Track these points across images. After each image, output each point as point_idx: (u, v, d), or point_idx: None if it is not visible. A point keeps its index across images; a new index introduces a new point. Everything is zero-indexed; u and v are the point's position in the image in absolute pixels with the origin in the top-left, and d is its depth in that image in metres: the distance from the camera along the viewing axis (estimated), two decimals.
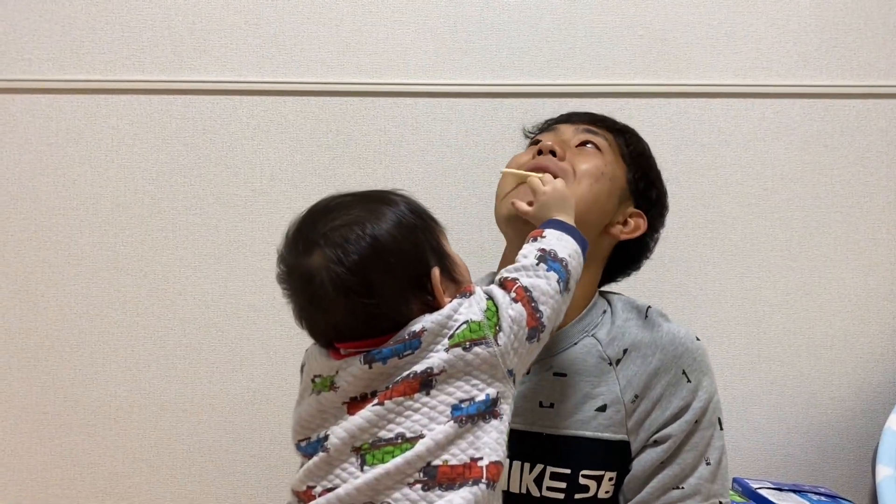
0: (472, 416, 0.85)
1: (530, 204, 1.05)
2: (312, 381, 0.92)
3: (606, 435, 1.07)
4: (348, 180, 0.99)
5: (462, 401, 0.85)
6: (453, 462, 0.83)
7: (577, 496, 1.07)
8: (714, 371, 1.11)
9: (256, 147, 1.71)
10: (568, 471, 1.06)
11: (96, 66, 1.70)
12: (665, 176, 1.22)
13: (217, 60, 1.70)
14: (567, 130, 1.19)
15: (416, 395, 0.85)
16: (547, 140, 1.16)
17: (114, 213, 1.71)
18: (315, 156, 1.70)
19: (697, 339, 1.11)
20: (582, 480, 1.06)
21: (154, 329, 1.71)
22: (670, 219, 1.67)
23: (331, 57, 1.70)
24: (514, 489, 1.07)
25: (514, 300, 0.90)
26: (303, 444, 0.92)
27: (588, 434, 1.07)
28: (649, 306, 1.15)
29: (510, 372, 0.89)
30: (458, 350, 0.86)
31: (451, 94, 1.69)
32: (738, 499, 1.49)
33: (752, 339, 1.72)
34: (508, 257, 1.17)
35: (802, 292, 1.72)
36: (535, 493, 1.07)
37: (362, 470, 0.84)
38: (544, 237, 0.98)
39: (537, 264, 0.94)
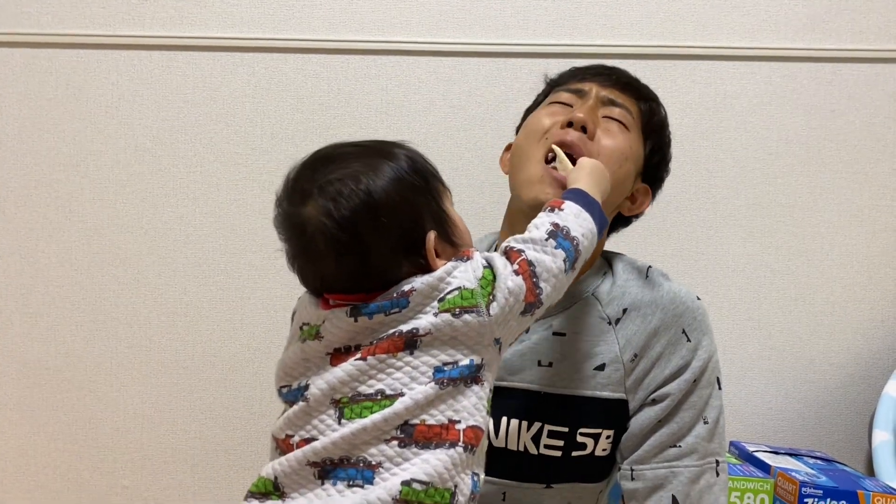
0: (454, 379, 0.84)
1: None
2: (300, 328, 0.92)
3: (605, 394, 1.07)
4: (349, 140, 0.98)
5: (445, 364, 0.84)
6: (431, 422, 0.83)
7: (574, 454, 1.08)
8: (713, 329, 1.11)
9: (257, 105, 1.69)
10: (566, 429, 1.07)
11: (96, 20, 1.69)
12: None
13: (218, 16, 1.68)
14: (593, 94, 1.13)
15: (400, 354, 0.85)
16: (573, 103, 1.12)
17: (114, 171, 1.70)
18: (316, 114, 1.69)
19: (698, 299, 1.11)
20: (579, 438, 1.07)
21: (154, 286, 1.71)
22: (673, 183, 1.67)
23: (333, 14, 1.68)
24: (513, 447, 1.08)
25: (516, 272, 0.88)
26: (284, 390, 0.92)
27: (586, 393, 1.07)
28: (650, 266, 1.14)
29: (497, 340, 0.88)
30: (448, 315, 0.85)
31: (454, 53, 1.68)
32: (734, 461, 1.50)
33: (752, 304, 1.72)
34: (515, 225, 1.16)
35: (804, 258, 1.71)
36: (532, 450, 1.08)
37: (340, 423, 0.84)
38: (562, 210, 0.95)
39: (546, 239, 0.91)
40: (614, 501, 1.24)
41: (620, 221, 1.22)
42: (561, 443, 1.07)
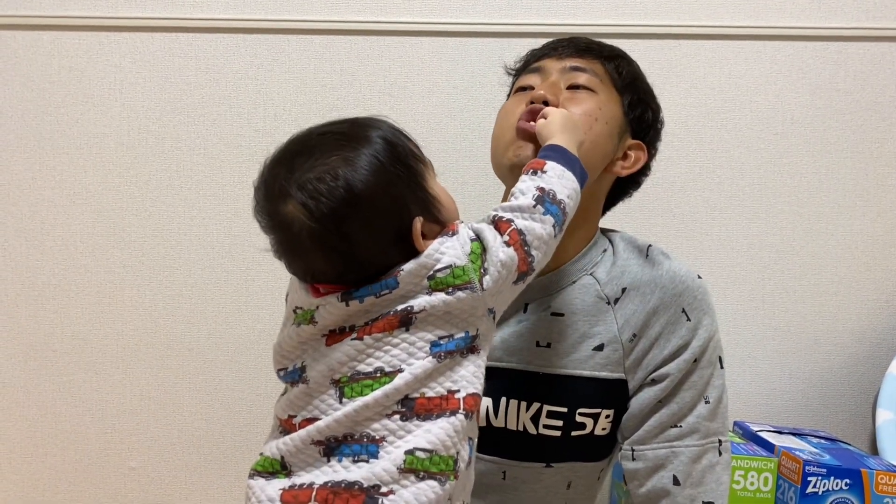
0: (451, 352, 0.85)
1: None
2: (294, 311, 0.92)
3: (603, 374, 1.07)
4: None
5: (441, 337, 0.85)
6: (430, 394, 0.84)
7: (573, 433, 1.08)
8: (717, 312, 1.11)
9: (260, 86, 1.69)
10: (564, 409, 1.07)
11: (98, 2, 1.68)
12: (674, 119, 1.20)
13: None
14: (553, 68, 1.13)
15: (396, 332, 0.85)
16: (534, 83, 1.12)
17: (117, 153, 1.70)
18: (319, 96, 1.69)
19: (699, 278, 1.10)
20: (578, 418, 1.07)
21: (159, 269, 1.72)
22: (677, 163, 1.66)
23: None
24: (512, 427, 1.08)
25: (507, 244, 0.88)
26: (281, 373, 0.93)
27: (585, 373, 1.07)
28: (650, 244, 1.13)
29: (490, 310, 0.89)
30: (442, 294, 0.85)
31: (457, 33, 1.67)
32: (738, 440, 1.51)
33: (756, 284, 1.71)
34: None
35: (809, 238, 1.71)
36: (531, 431, 1.08)
37: (341, 402, 0.85)
38: (545, 172, 0.94)
39: (535, 206, 0.90)
40: (619, 480, 1.25)
41: (623, 187, 1.21)
42: (560, 423, 1.07)
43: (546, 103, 1.07)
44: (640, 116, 1.14)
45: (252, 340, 1.72)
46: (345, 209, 0.84)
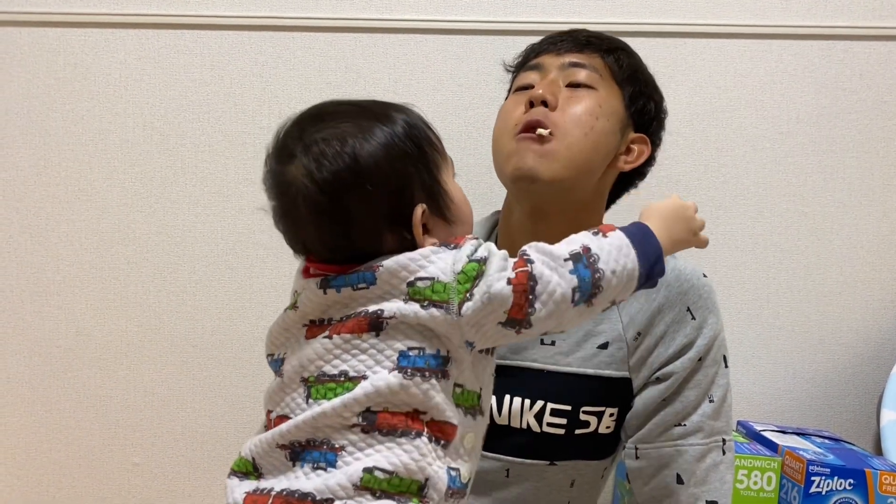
0: (420, 369, 0.80)
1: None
2: (292, 295, 0.91)
3: (608, 372, 1.07)
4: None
5: (411, 349, 0.80)
6: (394, 410, 0.79)
7: (577, 432, 1.08)
8: (721, 311, 1.10)
9: (265, 84, 1.69)
10: (568, 407, 1.07)
11: None
12: (679, 118, 1.19)
13: None
14: (552, 65, 1.13)
15: (365, 336, 0.80)
16: (533, 81, 1.12)
17: (122, 149, 1.70)
18: (324, 93, 1.66)
19: (704, 276, 1.10)
20: (582, 416, 1.07)
21: (164, 265, 1.72)
22: (682, 161, 1.66)
23: None
24: (515, 424, 1.08)
25: (509, 281, 0.79)
26: (269, 359, 0.91)
27: (589, 371, 1.07)
28: None
29: (469, 343, 0.82)
30: (416, 305, 0.79)
31: (462, 31, 1.67)
32: (741, 440, 1.51)
33: (761, 284, 1.71)
34: (511, 206, 1.16)
35: (814, 238, 1.71)
36: (535, 428, 1.08)
37: (307, 402, 0.82)
38: (605, 237, 0.85)
39: (566, 260, 0.81)
40: (622, 479, 1.25)
41: (628, 179, 1.20)
42: (564, 421, 1.07)
43: (545, 103, 1.06)
44: (642, 109, 1.14)
45: (256, 337, 1.70)
46: (346, 175, 0.81)
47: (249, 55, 1.69)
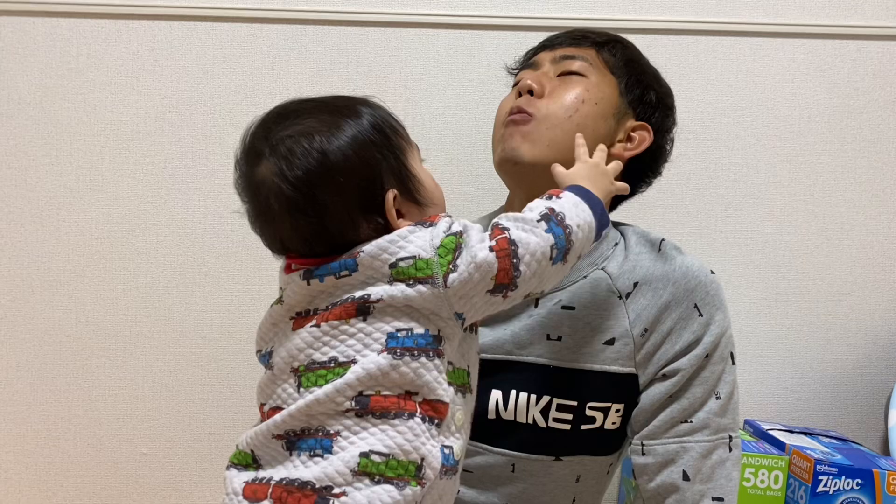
0: (409, 349, 0.81)
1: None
2: (279, 291, 0.92)
3: (614, 368, 1.07)
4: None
5: (399, 330, 0.82)
6: (386, 392, 0.81)
7: (583, 427, 1.08)
8: (729, 309, 1.10)
9: (276, 77, 1.69)
10: (574, 403, 1.07)
11: None
12: (690, 115, 1.19)
13: None
14: (546, 60, 1.17)
15: (353, 321, 0.82)
16: (526, 77, 1.14)
17: (134, 140, 1.71)
18: (335, 87, 1.67)
19: (712, 273, 1.09)
20: (588, 412, 1.07)
21: (174, 256, 1.73)
22: (692, 159, 1.66)
23: None
24: (521, 420, 1.08)
25: (491, 249, 0.82)
26: (258, 354, 0.93)
27: (596, 367, 1.07)
28: (663, 239, 1.13)
29: (459, 315, 0.84)
30: (402, 285, 0.81)
31: (474, 26, 1.67)
32: (748, 438, 1.51)
33: (770, 283, 1.71)
34: (512, 201, 1.17)
35: (824, 238, 1.70)
36: (541, 423, 1.08)
37: (299, 392, 0.83)
38: (560, 198, 0.91)
39: (538, 221, 0.86)
40: (628, 476, 1.25)
41: (639, 174, 1.20)
42: (570, 416, 1.07)
43: (531, 92, 1.10)
44: (641, 97, 1.15)
45: None
46: (316, 170, 0.83)
47: (261, 48, 1.69)
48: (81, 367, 1.75)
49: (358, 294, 0.82)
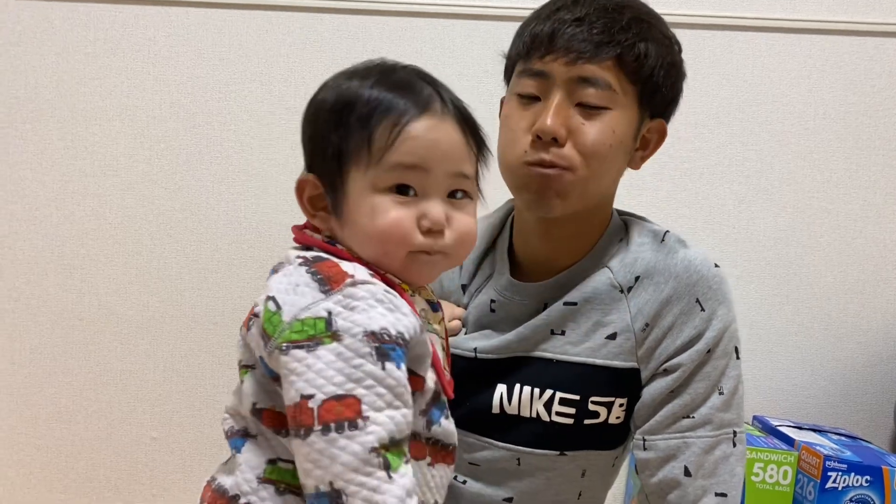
0: (248, 366, 0.80)
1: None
2: None
3: (616, 363, 1.06)
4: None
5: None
6: (279, 410, 0.77)
7: (586, 422, 1.07)
8: (740, 305, 1.09)
9: (292, 65, 1.70)
10: (577, 397, 1.06)
11: None
12: (705, 110, 1.17)
13: None
14: (559, 76, 1.02)
15: (250, 326, 0.79)
16: (538, 92, 1.04)
17: (149, 126, 1.72)
18: None
19: (716, 266, 1.07)
20: (591, 407, 1.06)
21: (187, 243, 1.73)
22: (706, 154, 1.65)
23: None
24: (525, 414, 1.08)
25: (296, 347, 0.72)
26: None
27: (598, 361, 1.06)
28: (667, 231, 1.10)
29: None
30: (261, 312, 0.77)
31: (490, 16, 1.67)
32: (757, 433, 1.51)
33: (781, 280, 1.71)
34: (519, 207, 1.14)
35: (837, 235, 1.70)
36: (544, 417, 1.08)
37: (242, 383, 0.82)
38: None
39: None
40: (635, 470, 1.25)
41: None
42: (573, 410, 1.07)
43: (555, 140, 1.00)
44: (660, 97, 1.06)
45: None
46: (303, 117, 0.86)
47: (277, 36, 1.69)
48: (94, 352, 1.76)
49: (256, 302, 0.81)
